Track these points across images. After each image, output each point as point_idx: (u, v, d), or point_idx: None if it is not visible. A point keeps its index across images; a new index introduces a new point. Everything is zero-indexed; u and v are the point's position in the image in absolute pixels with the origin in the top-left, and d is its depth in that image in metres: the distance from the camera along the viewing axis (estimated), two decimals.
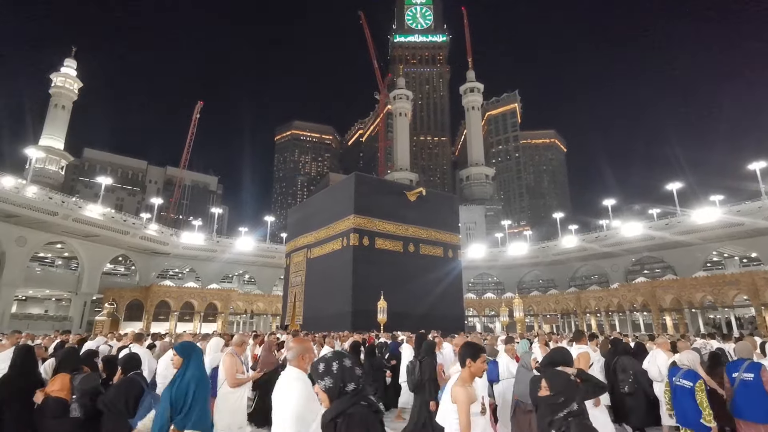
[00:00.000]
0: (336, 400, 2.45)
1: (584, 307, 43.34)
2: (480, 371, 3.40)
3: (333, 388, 2.44)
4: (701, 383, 4.99)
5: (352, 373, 2.50)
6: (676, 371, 5.34)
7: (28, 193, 33.45)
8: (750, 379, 5.23)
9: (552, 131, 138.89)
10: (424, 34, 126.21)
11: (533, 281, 57.03)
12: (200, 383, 3.80)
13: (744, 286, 30.60)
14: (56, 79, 65.27)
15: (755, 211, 35.90)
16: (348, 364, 2.52)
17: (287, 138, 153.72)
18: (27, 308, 45.13)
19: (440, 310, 24.23)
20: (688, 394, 5.02)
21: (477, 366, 3.37)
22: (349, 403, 2.41)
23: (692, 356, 5.36)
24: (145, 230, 43.27)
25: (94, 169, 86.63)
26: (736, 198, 39.05)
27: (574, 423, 3.01)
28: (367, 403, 2.44)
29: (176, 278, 50.92)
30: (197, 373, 3.82)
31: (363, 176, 28.70)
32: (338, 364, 2.49)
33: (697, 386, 4.97)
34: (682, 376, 5.18)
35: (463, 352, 3.47)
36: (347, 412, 2.37)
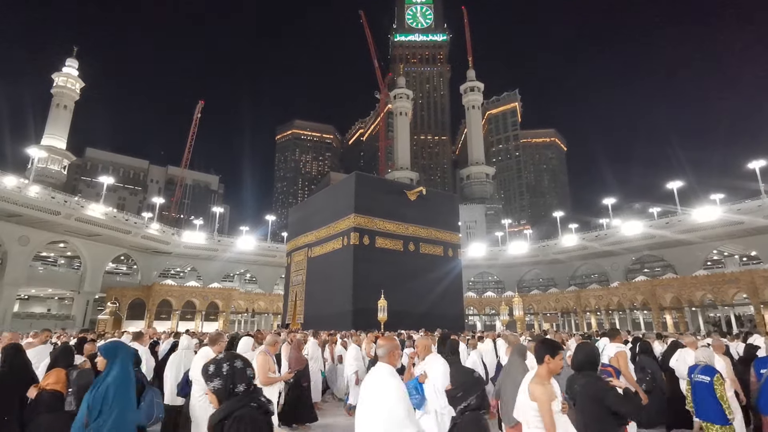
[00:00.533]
0: (225, 402, 2.49)
1: (584, 306, 43.45)
2: (558, 368, 3.34)
3: (222, 389, 2.49)
4: (719, 377, 5.20)
5: (243, 375, 2.54)
6: (695, 368, 5.59)
7: (31, 193, 33.63)
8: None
9: (552, 130, 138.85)
10: (425, 34, 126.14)
11: (533, 280, 57.13)
12: (121, 387, 3.53)
13: (744, 284, 30.70)
14: (58, 79, 65.46)
15: (755, 209, 35.96)
16: (239, 365, 2.56)
17: (288, 137, 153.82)
18: (29, 307, 45.38)
19: (440, 308, 24.37)
20: (706, 389, 5.23)
21: (555, 363, 3.31)
22: (238, 404, 2.44)
23: (708, 352, 5.59)
24: (146, 229, 43.46)
25: (96, 169, 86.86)
26: (736, 197, 39.14)
27: (469, 417, 3.12)
28: (256, 405, 2.48)
29: (178, 277, 51.14)
30: (120, 376, 3.57)
31: (363, 175, 28.83)
32: (228, 366, 2.53)
33: (715, 380, 5.17)
34: (700, 372, 5.40)
35: (542, 348, 3.37)
36: (236, 414, 2.39)
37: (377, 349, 3.39)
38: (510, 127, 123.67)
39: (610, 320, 42.79)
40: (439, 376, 4.66)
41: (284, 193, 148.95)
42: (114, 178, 65.82)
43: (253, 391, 2.55)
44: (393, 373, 3.14)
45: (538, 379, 3.30)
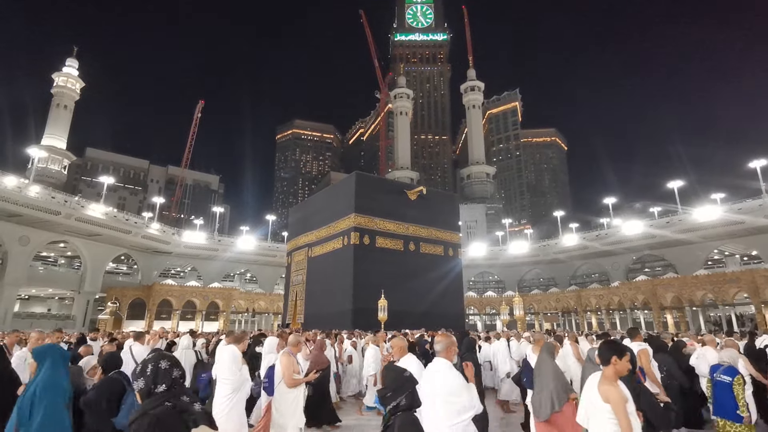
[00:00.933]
0: (144, 401, 2.54)
1: (585, 306, 43.41)
2: (625, 369, 3.31)
3: (144, 389, 2.54)
4: (739, 378, 5.47)
5: (166, 375, 2.58)
6: (717, 368, 5.83)
7: (31, 193, 33.63)
8: None
9: (553, 129, 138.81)
10: (425, 33, 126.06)
11: (534, 279, 57.08)
12: (48, 390, 3.45)
13: (744, 284, 30.65)
14: (58, 79, 65.47)
15: (756, 209, 35.90)
16: (164, 366, 2.60)
17: (288, 137, 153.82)
18: (30, 307, 45.40)
19: (441, 308, 24.35)
20: (727, 389, 5.52)
21: (623, 364, 3.28)
22: (153, 404, 2.48)
23: (733, 354, 5.87)
24: (147, 229, 43.45)
25: (97, 169, 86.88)
26: (737, 196, 39.08)
27: (399, 418, 3.12)
28: (171, 404, 2.50)
29: (178, 277, 51.14)
30: (49, 380, 3.51)
31: (363, 175, 28.79)
32: (153, 366, 2.58)
33: (735, 381, 5.44)
34: (722, 372, 5.66)
35: (608, 349, 3.34)
36: (147, 413, 2.43)
37: (435, 344, 3.79)
38: (510, 126, 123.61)
39: (610, 320, 42.74)
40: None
41: (284, 192, 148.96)
42: (114, 177, 65.82)
43: (175, 391, 2.58)
44: (451, 367, 3.56)
45: (608, 381, 3.25)
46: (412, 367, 4.47)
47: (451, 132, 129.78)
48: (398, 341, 4.88)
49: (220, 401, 5.16)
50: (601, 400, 3.18)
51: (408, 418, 3.10)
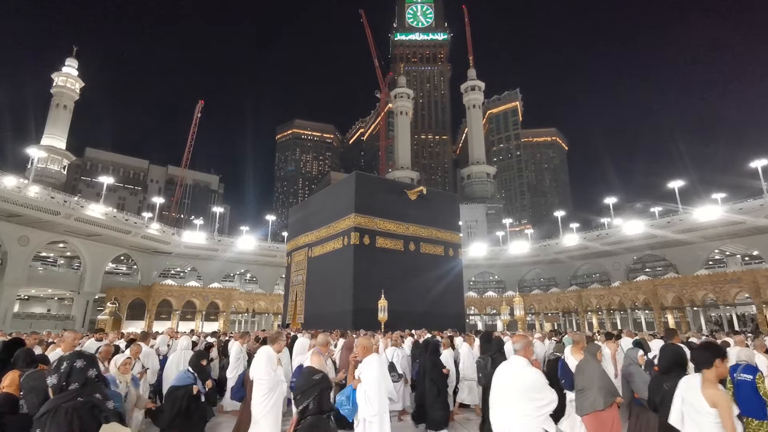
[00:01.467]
0: (55, 395, 2.66)
1: (585, 306, 43.33)
2: (726, 372, 3.39)
3: (56, 384, 2.68)
4: (760, 375, 5.48)
5: (80, 374, 2.70)
6: (737, 367, 5.83)
7: (31, 193, 33.56)
8: None
9: (553, 129, 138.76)
10: (425, 33, 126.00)
11: (534, 279, 57.00)
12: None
13: (745, 284, 30.56)
14: (57, 79, 65.42)
15: (757, 209, 35.82)
16: (79, 365, 2.72)
17: (288, 137, 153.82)
18: (29, 307, 45.37)
19: (441, 308, 24.26)
20: (749, 386, 5.51)
21: (724, 366, 3.31)
22: (63, 399, 2.58)
23: (749, 352, 5.95)
24: (146, 229, 43.38)
25: (96, 169, 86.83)
26: (738, 196, 38.97)
27: (308, 421, 3.12)
28: (84, 400, 2.60)
29: (178, 277, 51.07)
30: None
31: (363, 175, 28.68)
32: (68, 364, 2.71)
33: (757, 378, 5.45)
34: (742, 371, 5.65)
35: (709, 352, 3.33)
36: (60, 406, 2.54)
37: (514, 344, 4.03)
38: (511, 126, 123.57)
39: (611, 320, 42.67)
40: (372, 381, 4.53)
41: (284, 192, 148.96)
42: (114, 178, 65.79)
43: (86, 388, 2.68)
44: (529, 364, 3.83)
45: (712, 385, 3.26)
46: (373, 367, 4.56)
47: (451, 132, 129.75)
48: (364, 341, 4.88)
49: (258, 401, 5.14)
50: (707, 404, 3.18)
51: (316, 422, 3.10)
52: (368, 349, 4.75)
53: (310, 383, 3.39)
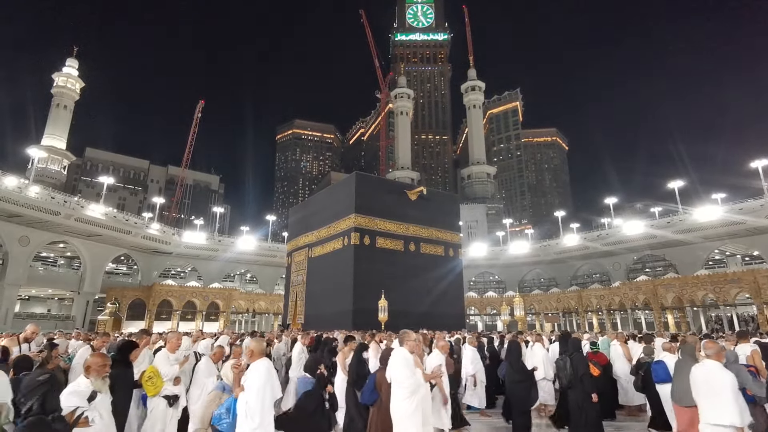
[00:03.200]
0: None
1: (586, 306, 43.33)
2: None
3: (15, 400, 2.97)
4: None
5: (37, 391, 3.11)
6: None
7: (31, 193, 33.58)
8: None
9: (553, 129, 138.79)
10: (425, 33, 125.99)
11: (535, 280, 56.99)
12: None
13: (746, 284, 30.56)
14: (58, 79, 65.45)
15: (757, 209, 35.81)
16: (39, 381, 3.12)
17: (288, 137, 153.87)
18: (30, 307, 45.38)
19: (441, 308, 24.27)
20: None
21: None
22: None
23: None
24: (147, 229, 43.40)
25: (96, 169, 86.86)
26: (738, 196, 38.96)
27: (29, 421, 3.17)
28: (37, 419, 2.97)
29: (178, 277, 51.08)
30: None
31: (364, 175, 28.70)
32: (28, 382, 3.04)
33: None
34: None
35: None
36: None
37: (706, 350, 4.54)
38: (511, 126, 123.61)
39: (611, 320, 42.67)
40: (255, 388, 4.08)
41: (285, 192, 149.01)
42: (114, 178, 65.82)
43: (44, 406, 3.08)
44: (722, 368, 4.35)
45: None
46: (259, 372, 4.19)
47: (451, 132, 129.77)
48: (256, 344, 4.53)
49: (398, 405, 5.01)
50: None
51: (37, 421, 3.12)
52: (261, 352, 4.38)
53: (35, 385, 3.38)
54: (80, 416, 3.58)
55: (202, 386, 5.90)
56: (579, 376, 6.60)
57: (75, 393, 3.75)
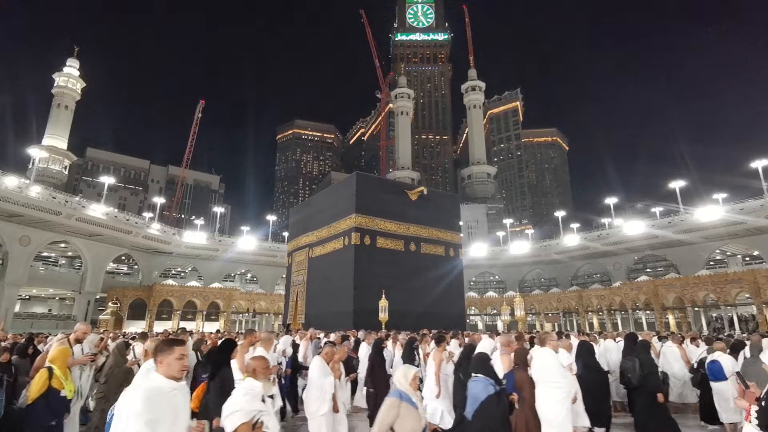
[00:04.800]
0: None
1: (586, 306, 43.33)
2: None
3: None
4: None
5: None
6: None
7: (32, 193, 33.62)
8: None
9: (554, 129, 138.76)
10: (426, 33, 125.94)
11: (535, 280, 56.98)
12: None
13: (746, 284, 30.57)
14: (59, 79, 65.48)
15: (757, 209, 35.81)
16: None
17: (289, 137, 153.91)
18: (30, 307, 45.42)
19: (441, 308, 24.26)
20: None
21: None
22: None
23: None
24: (147, 229, 43.45)
25: (97, 169, 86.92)
26: (739, 196, 38.96)
27: None
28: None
29: (179, 277, 51.13)
30: None
31: (364, 175, 28.69)
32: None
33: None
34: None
35: None
36: None
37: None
38: (511, 126, 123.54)
39: (612, 320, 42.66)
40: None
41: (285, 192, 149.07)
42: (115, 178, 65.83)
43: None
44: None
45: None
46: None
47: (452, 132, 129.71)
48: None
49: (553, 407, 4.96)
50: None
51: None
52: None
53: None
54: (258, 422, 3.22)
55: (320, 387, 5.74)
56: (647, 375, 6.97)
57: (255, 396, 3.37)
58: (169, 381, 2.81)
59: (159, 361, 2.85)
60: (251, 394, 3.30)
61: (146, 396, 2.64)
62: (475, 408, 4.51)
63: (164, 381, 2.80)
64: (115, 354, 6.49)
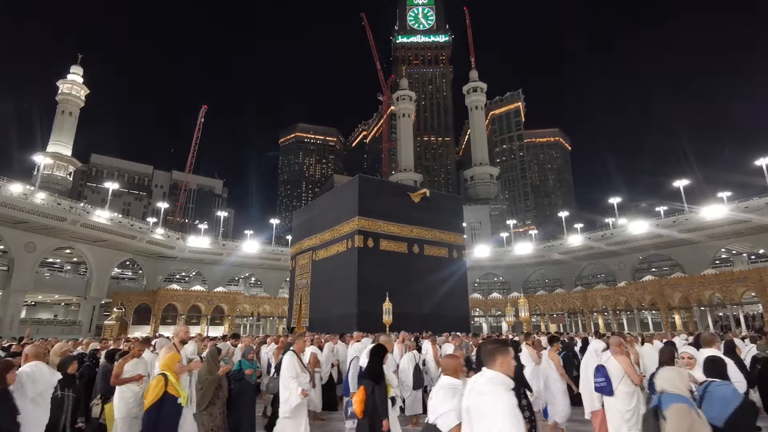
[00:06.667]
0: None
1: (591, 306, 43.14)
2: None
3: None
4: None
5: None
6: None
7: (37, 200, 33.86)
8: None
9: (556, 129, 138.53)
10: (427, 35, 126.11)
11: (539, 280, 56.80)
12: None
13: (752, 282, 30.36)
14: (63, 86, 65.93)
15: (762, 207, 35.60)
16: None
17: (291, 140, 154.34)
18: (36, 313, 45.64)
19: (445, 310, 24.22)
20: None
21: None
22: None
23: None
24: (151, 234, 43.64)
25: (101, 175, 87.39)
26: (744, 194, 38.78)
27: None
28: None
29: (183, 282, 51.30)
30: None
31: (367, 178, 28.74)
32: None
33: None
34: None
35: None
36: None
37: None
38: (514, 127, 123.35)
39: (617, 320, 42.43)
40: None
41: (288, 196, 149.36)
42: (119, 183, 66.27)
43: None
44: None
45: None
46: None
47: (454, 133, 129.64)
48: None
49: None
50: None
51: None
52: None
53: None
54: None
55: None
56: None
57: (462, 395, 3.29)
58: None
59: (499, 363, 2.74)
60: (459, 393, 3.21)
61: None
62: (728, 414, 4.29)
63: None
64: (208, 361, 6.49)
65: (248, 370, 6.96)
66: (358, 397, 4.81)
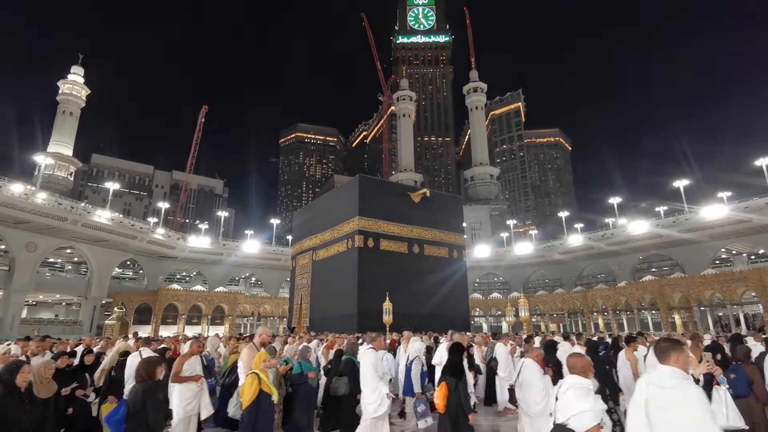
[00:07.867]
0: None
1: (591, 306, 43.17)
2: None
3: None
4: None
5: None
6: None
7: (38, 200, 33.93)
8: None
9: (556, 130, 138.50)
10: (427, 35, 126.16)
11: (539, 280, 56.83)
12: None
13: (752, 282, 30.38)
14: (63, 87, 66.04)
15: (762, 207, 35.64)
16: None
17: (292, 141, 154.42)
18: (37, 313, 45.73)
19: (446, 310, 24.26)
20: None
21: None
22: None
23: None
24: (152, 234, 43.70)
25: (102, 175, 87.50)
26: (744, 194, 38.82)
27: None
28: None
29: (183, 281, 51.37)
30: None
31: (367, 178, 28.80)
32: None
33: None
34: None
35: None
36: None
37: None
38: (514, 127, 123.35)
39: (617, 320, 42.46)
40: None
41: (288, 196, 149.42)
42: (119, 183, 66.34)
43: None
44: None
45: None
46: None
47: (454, 133, 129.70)
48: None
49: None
50: None
51: None
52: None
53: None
54: (601, 422, 3.12)
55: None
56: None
57: (594, 395, 3.25)
58: None
59: (674, 359, 2.86)
60: (593, 394, 3.21)
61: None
62: None
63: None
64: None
65: (311, 372, 6.88)
66: (441, 392, 5.00)
